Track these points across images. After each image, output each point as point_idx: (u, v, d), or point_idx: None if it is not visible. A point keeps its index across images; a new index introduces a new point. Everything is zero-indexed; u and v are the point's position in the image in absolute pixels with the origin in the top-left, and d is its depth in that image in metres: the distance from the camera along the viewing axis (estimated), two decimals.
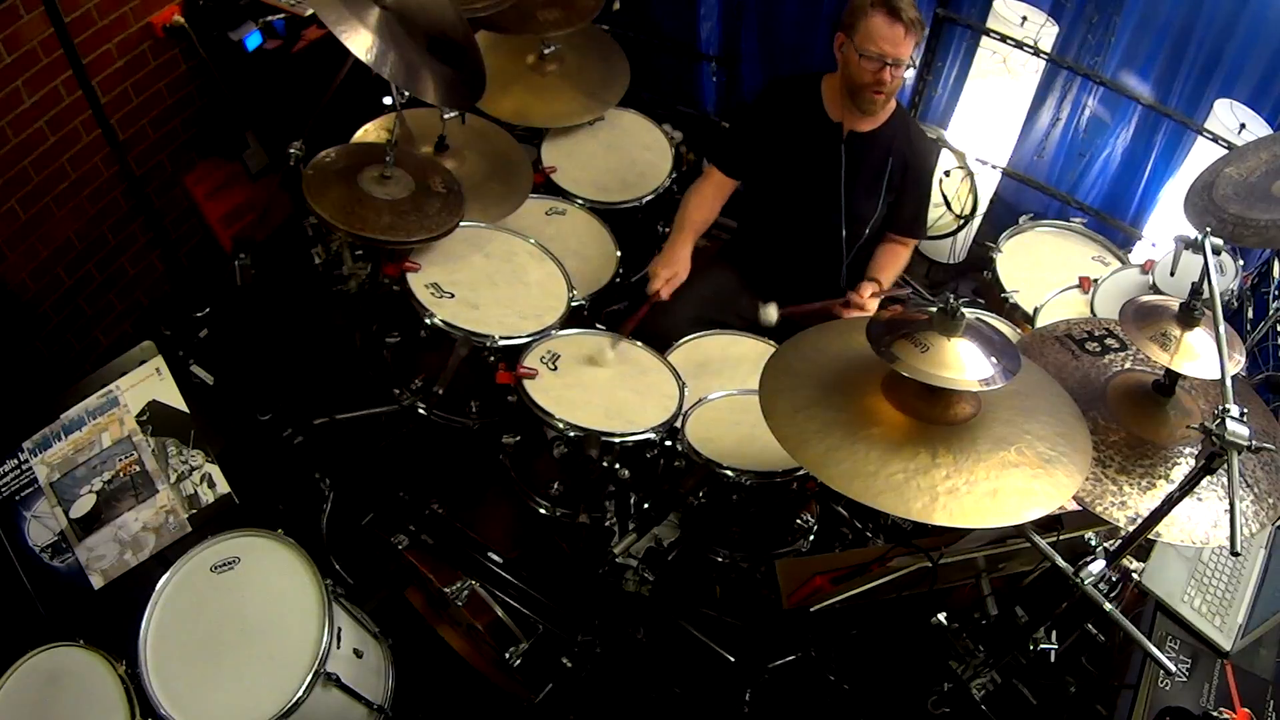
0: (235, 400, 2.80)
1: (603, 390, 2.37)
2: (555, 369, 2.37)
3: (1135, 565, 2.08)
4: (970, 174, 3.47)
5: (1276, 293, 2.67)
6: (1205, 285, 1.61)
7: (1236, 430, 1.37)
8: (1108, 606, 1.62)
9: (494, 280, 2.58)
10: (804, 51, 3.63)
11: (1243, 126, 2.87)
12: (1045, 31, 3.14)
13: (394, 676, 2.29)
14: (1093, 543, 1.77)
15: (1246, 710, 1.88)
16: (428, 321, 2.39)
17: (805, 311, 2.66)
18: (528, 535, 2.63)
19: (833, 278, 2.81)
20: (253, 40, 3.12)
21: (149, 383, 2.40)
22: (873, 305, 2.63)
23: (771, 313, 2.64)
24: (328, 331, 2.98)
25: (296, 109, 2.75)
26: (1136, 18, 3.02)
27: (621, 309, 2.95)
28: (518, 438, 2.41)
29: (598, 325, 2.62)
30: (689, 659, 2.44)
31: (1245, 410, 1.39)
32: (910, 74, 2.63)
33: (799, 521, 2.41)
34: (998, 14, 3.22)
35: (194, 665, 1.95)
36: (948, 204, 3.54)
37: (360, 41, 2.22)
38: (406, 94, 2.47)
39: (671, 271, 2.69)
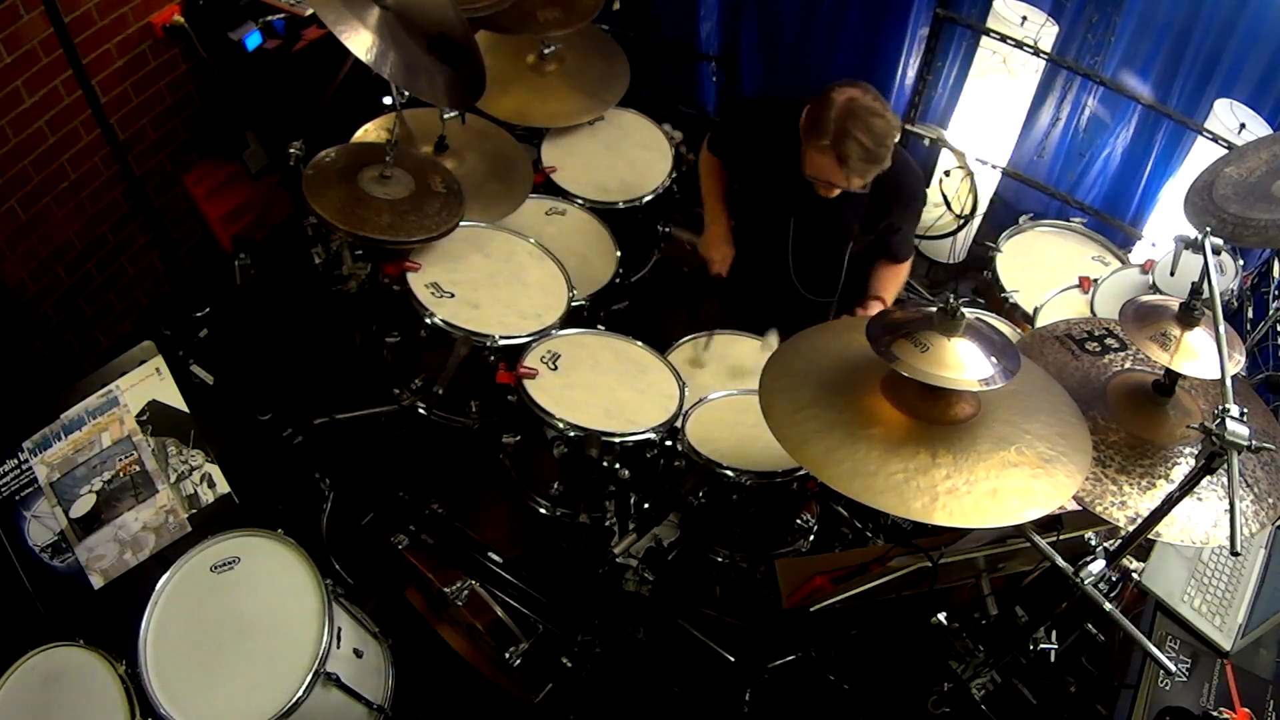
0: (235, 400, 2.80)
1: (603, 390, 2.37)
2: (555, 369, 2.37)
3: (1135, 565, 2.08)
4: (970, 174, 3.48)
5: (1276, 293, 2.67)
6: (1205, 285, 1.61)
7: (1236, 430, 1.37)
8: (1108, 606, 1.62)
9: (494, 280, 2.58)
10: (804, 51, 3.63)
11: (1243, 126, 2.87)
12: (1045, 31, 3.14)
13: (394, 676, 2.29)
14: (1093, 543, 1.77)
15: (1246, 710, 1.88)
16: (428, 321, 2.39)
17: None
18: (528, 535, 2.63)
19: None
20: (253, 40, 3.12)
21: (149, 383, 2.39)
22: None
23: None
24: (328, 331, 2.98)
25: (296, 109, 2.75)
26: (1136, 18, 3.02)
27: (622, 309, 2.95)
28: (518, 438, 2.41)
29: (598, 325, 2.62)
30: (689, 659, 2.44)
31: (1245, 410, 1.39)
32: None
33: (799, 521, 2.41)
34: (998, 14, 3.22)
35: (194, 665, 1.94)
36: (948, 204, 3.54)
37: (360, 41, 2.22)
38: (406, 94, 2.47)
39: (721, 252, 2.78)
